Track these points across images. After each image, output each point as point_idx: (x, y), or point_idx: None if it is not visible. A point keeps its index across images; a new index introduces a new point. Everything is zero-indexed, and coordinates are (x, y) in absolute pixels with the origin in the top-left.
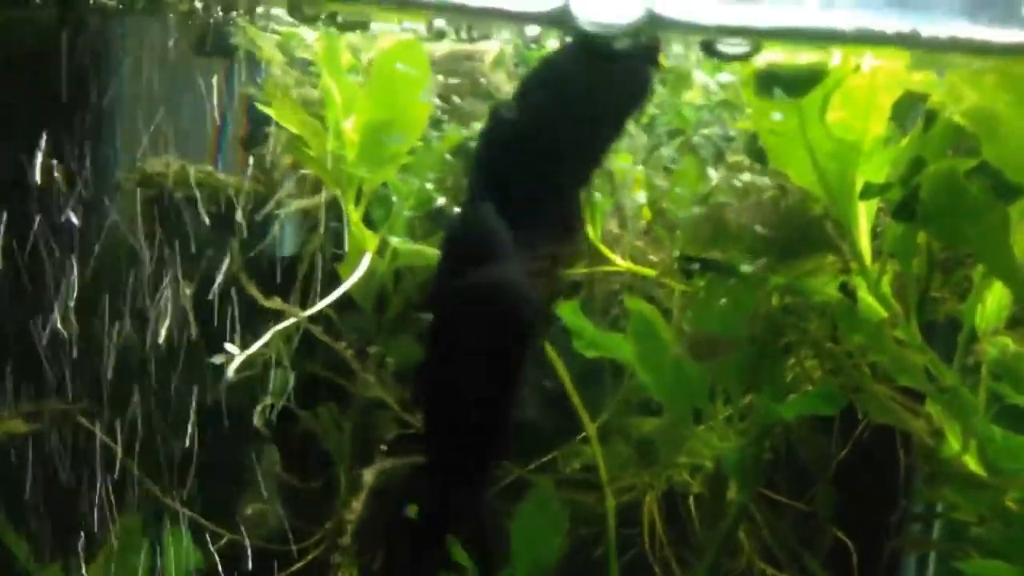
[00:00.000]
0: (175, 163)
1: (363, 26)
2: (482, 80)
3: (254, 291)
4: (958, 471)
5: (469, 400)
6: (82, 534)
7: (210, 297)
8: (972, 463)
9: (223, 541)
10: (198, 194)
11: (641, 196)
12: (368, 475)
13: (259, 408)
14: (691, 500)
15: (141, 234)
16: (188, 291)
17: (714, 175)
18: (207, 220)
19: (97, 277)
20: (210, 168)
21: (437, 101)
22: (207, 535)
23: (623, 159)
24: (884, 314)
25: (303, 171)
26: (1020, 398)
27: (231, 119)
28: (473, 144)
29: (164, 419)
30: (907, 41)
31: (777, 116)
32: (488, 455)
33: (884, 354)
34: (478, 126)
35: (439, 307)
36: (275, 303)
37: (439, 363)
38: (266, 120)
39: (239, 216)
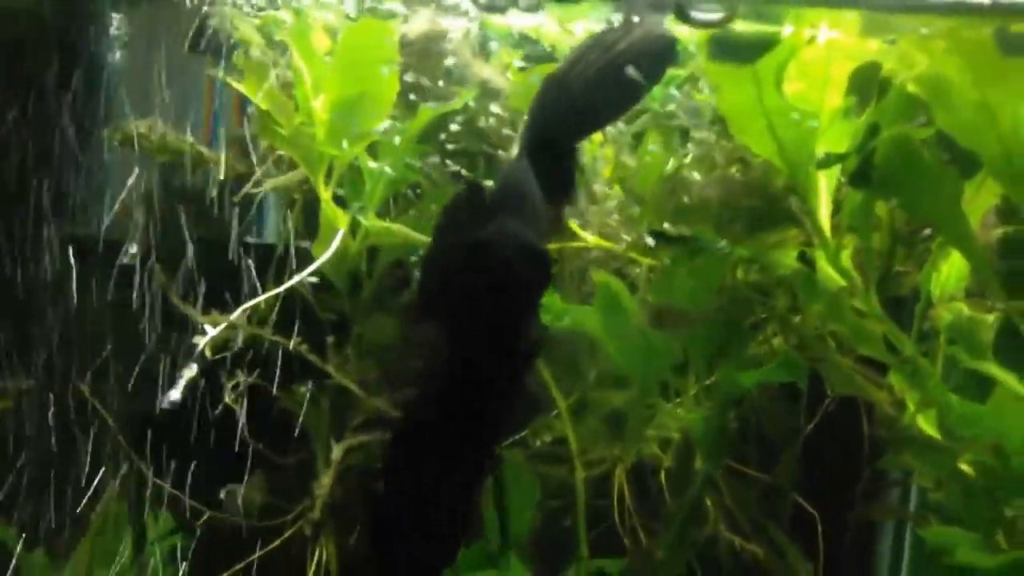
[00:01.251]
0: (159, 128)
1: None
2: (449, 59)
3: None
4: (918, 438)
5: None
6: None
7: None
8: (930, 429)
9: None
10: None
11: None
12: (337, 451)
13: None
14: (659, 472)
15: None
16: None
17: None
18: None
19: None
20: (191, 139)
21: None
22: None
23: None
24: (843, 284)
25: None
26: (975, 362)
27: (223, 114)
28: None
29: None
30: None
31: (734, 82)
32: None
33: (842, 324)
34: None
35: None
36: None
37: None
38: None
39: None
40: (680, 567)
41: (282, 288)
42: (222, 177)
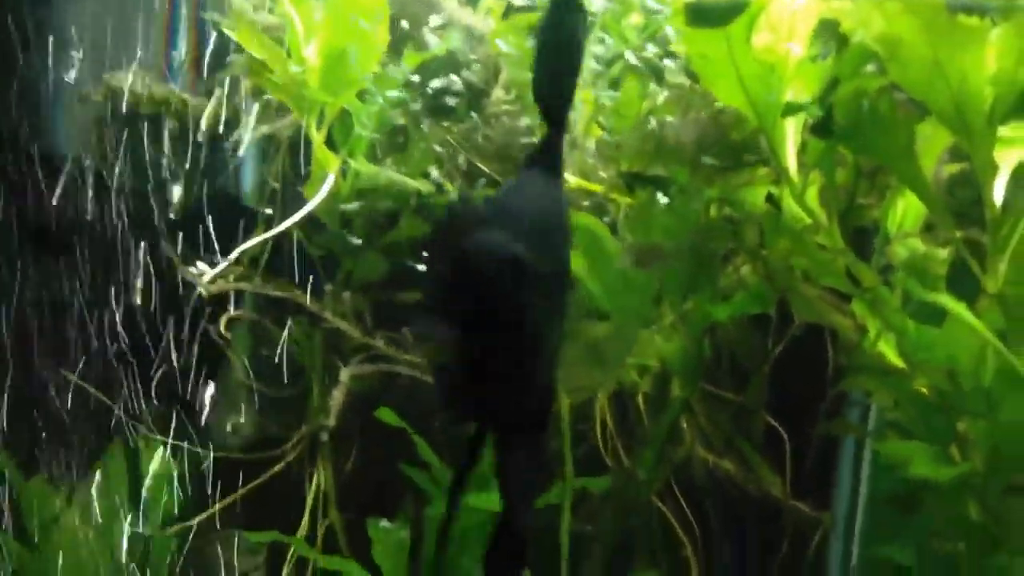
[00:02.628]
0: (140, 79)
1: None
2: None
3: None
4: (876, 362)
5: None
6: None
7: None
8: (889, 354)
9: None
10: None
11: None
12: (344, 375)
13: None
14: (638, 397)
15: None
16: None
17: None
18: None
19: None
20: (175, 89)
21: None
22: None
23: None
24: (808, 222)
25: (267, 96)
26: (927, 294)
27: (181, 43)
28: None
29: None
30: None
31: (706, 40)
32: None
33: (808, 258)
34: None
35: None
36: None
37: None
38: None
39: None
40: (659, 484)
41: (277, 230)
42: (205, 127)
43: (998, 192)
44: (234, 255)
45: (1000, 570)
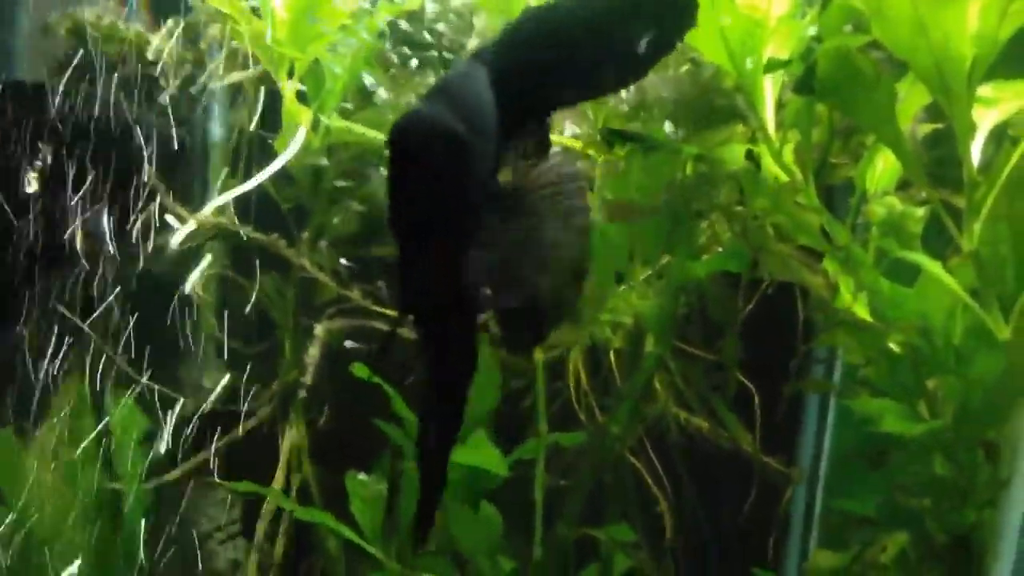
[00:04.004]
0: (107, 16)
1: None
2: None
3: None
4: (849, 319)
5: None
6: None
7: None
8: (861, 311)
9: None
10: None
11: None
12: (319, 329)
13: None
14: (612, 354)
15: None
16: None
17: None
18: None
19: None
20: (141, 28)
21: None
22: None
23: None
24: (785, 179)
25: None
26: (904, 252)
27: None
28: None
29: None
30: None
31: None
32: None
33: (784, 216)
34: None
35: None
36: None
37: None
38: None
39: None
40: (632, 440)
41: (251, 183)
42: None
43: (975, 152)
44: (209, 208)
45: (966, 524)
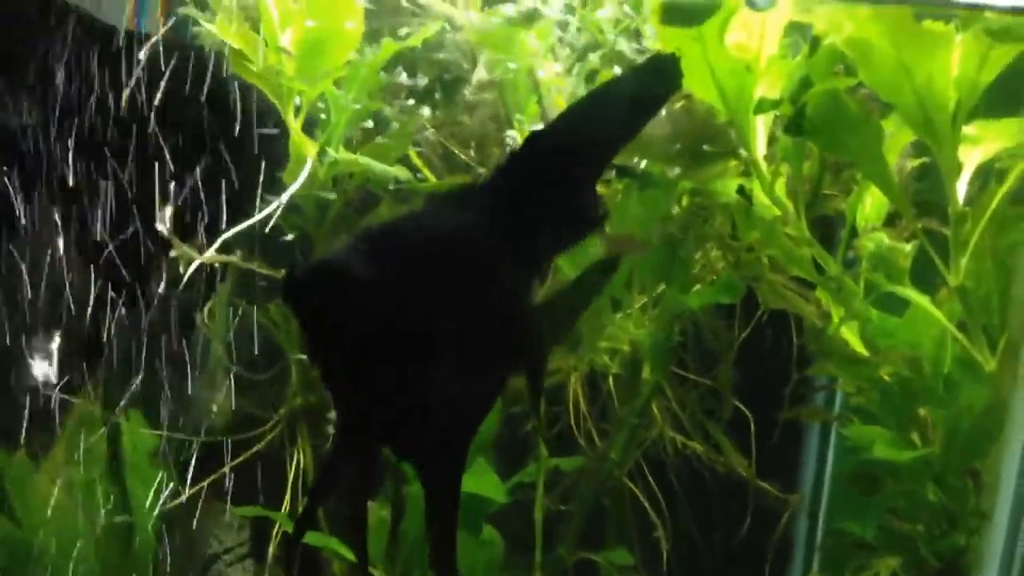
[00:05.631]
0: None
1: None
2: None
3: None
4: (841, 349)
5: None
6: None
7: None
8: (853, 341)
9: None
10: None
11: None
12: None
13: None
14: (611, 380)
15: None
16: None
17: None
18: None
19: None
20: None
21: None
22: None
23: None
24: (777, 213)
25: None
26: (892, 286)
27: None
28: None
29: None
30: None
31: (682, 40)
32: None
33: (777, 248)
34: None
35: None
36: None
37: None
38: None
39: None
40: (630, 465)
41: (259, 217)
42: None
43: (961, 190)
44: (221, 239)
45: (956, 549)
